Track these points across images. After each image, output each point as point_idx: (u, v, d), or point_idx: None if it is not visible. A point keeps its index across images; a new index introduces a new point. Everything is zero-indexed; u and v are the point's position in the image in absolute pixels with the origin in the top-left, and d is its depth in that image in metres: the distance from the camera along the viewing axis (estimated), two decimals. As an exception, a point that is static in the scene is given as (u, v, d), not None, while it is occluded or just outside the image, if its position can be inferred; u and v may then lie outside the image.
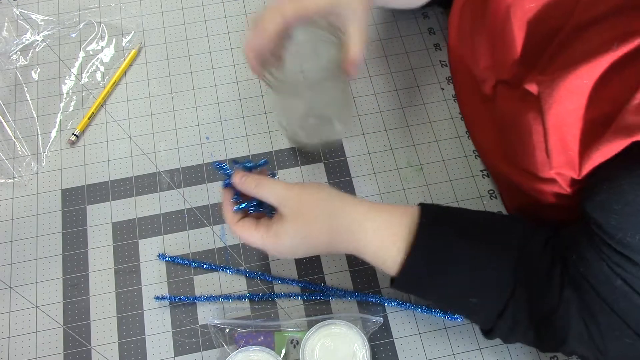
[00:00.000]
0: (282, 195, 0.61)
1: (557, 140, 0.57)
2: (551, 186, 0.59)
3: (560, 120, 0.56)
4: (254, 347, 0.65)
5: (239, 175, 0.63)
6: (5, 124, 0.81)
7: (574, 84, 0.56)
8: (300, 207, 0.61)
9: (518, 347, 0.67)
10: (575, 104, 0.56)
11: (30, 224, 0.75)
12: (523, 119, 0.60)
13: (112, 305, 0.70)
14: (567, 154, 0.57)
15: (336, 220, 0.61)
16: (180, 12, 0.90)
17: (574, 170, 0.56)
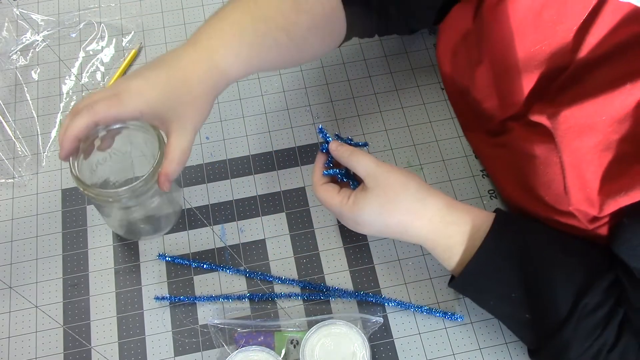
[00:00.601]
0: (372, 168, 0.62)
1: (575, 177, 0.56)
2: (570, 220, 0.59)
3: (578, 157, 0.56)
4: (254, 347, 0.65)
5: (337, 143, 0.65)
6: (5, 124, 0.81)
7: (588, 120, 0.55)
8: (386, 183, 0.62)
9: (518, 347, 0.67)
10: (593, 140, 0.55)
11: (30, 224, 0.75)
12: (537, 151, 0.60)
13: (112, 305, 0.70)
14: (585, 192, 0.56)
15: (420, 208, 0.62)
16: (180, 12, 0.90)
17: (594, 208, 0.56)
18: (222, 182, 0.77)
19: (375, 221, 0.63)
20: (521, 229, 0.61)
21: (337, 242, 0.73)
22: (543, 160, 0.59)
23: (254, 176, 0.78)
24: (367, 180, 0.62)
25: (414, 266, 0.72)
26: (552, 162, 0.58)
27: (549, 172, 0.58)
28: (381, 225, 0.63)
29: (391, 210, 0.62)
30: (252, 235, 0.74)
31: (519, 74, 0.62)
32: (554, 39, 0.59)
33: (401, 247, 0.73)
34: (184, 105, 0.59)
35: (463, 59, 0.71)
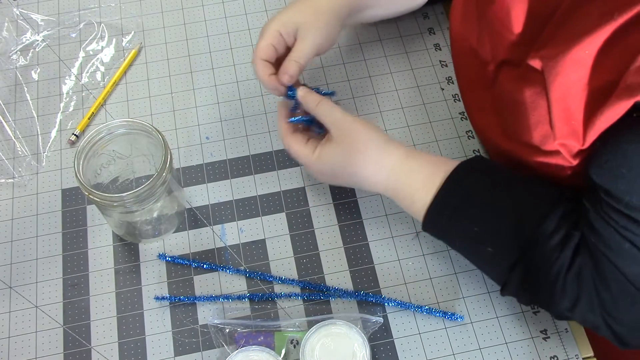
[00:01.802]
0: (338, 118, 0.66)
1: (561, 111, 0.58)
2: (555, 158, 0.60)
3: (564, 91, 0.57)
4: (254, 347, 0.65)
5: (305, 90, 0.69)
6: (5, 124, 0.81)
7: (576, 55, 0.56)
8: (350, 133, 0.66)
9: (518, 347, 0.67)
10: (579, 74, 0.56)
11: (30, 224, 0.75)
12: (526, 95, 0.61)
13: (112, 305, 0.70)
14: (570, 125, 0.57)
15: (383, 157, 0.66)
16: (180, 12, 0.90)
17: (578, 140, 0.57)
18: (222, 182, 0.77)
19: (341, 171, 0.67)
20: (483, 170, 0.65)
21: (337, 242, 0.73)
22: (530, 104, 0.61)
23: (254, 176, 0.78)
24: (333, 130, 0.66)
25: (414, 266, 0.72)
26: (539, 105, 0.60)
27: (536, 114, 0.60)
28: (346, 174, 0.67)
29: (356, 160, 0.66)
30: (252, 235, 0.74)
31: (513, 12, 0.64)
32: None
33: (401, 247, 0.73)
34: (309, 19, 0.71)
35: (472, 4, 0.72)
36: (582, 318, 0.60)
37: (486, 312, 0.69)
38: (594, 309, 0.58)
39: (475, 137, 0.80)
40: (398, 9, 0.83)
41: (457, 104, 0.82)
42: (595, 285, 0.57)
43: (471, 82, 0.74)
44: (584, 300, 0.58)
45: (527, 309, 0.69)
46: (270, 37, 0.71)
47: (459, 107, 0.82)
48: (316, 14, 0.72)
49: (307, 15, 0.72)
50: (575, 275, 0.58)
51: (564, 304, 0.59)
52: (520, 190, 0.63)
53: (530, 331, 0.68)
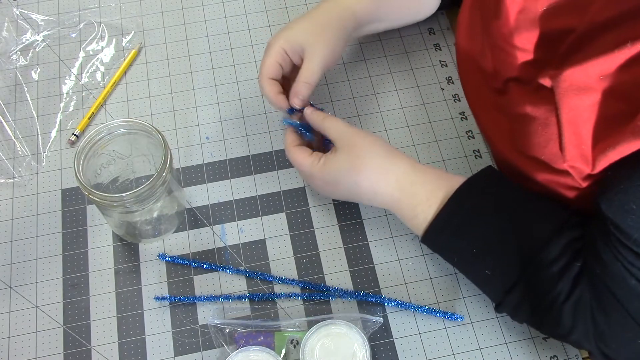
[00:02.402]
0: (342, 130, 0.68)
1: (572, 134, 0.58)
2: (564, 178, 0.60)
3: (575, 114, 0.57)
4: (254, 347, 0.65)
5: (311, 109, 0.71)
6: (5, 124, 0.81)
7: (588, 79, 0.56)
8: (355, 142, 0.67)
9: (518, 347, 0.67)
10: (590, 99, 0.56)
11: (30, 224, 0.75)
12: (537, 112, 0.61)
13: (112, 305, 0.70)
14: (580, 148, 0.57)
15: (387, 167, 0.66)
16: (180, 12, 0.90)
17: (588, 165, 0.57)
18: (222, 182, 0.77)
19: (345, 180, 0.67)
20: (488, 188, 0.65)
21: (337, 242, 0.73)
22: (542, 121, 0.60)
23: (254, 176, 0.78)
24: (337, 142, 0.67)
25: (414, 266, 0.72)
26: (551, 122, 0.60)
27: (547, 132, 0.60)
28: (350, 183, 0.67)
29: (360, 168, 0.66)
30: (252, 235, 0.74)
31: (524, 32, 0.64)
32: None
33: (401, 247, 0.73)
34: (315, 38, 0.72)
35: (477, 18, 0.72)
36: (577, 344, 0.61)
37: (486, 312, 0.69)
38: (589, 338, 0.58)
39: (475, 137, 0.80)
40: (403, 22, 0.84)
41: (457, 104, 0.82)
42: (594, 316, 0.57)
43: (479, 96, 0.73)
44: (580, 329, 0.58)
45: (527, 309, 0.69)
46: (276, 55, 0.72)
47: (459, 107, 0.82)
48: (322, 31, 0.73)
49: (313, 33, 0.73)
50: (573, 304, 0.58)
51: (558, 331, 0.60)
52: (524, 212, 0.63)
53: (530, 331, 0.68)
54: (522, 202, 0.64)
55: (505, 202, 0.64)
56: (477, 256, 0.63)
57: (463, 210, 0.63)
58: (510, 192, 0.65)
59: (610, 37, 0.56)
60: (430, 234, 0.64)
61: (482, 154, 0.79)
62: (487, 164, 0.78)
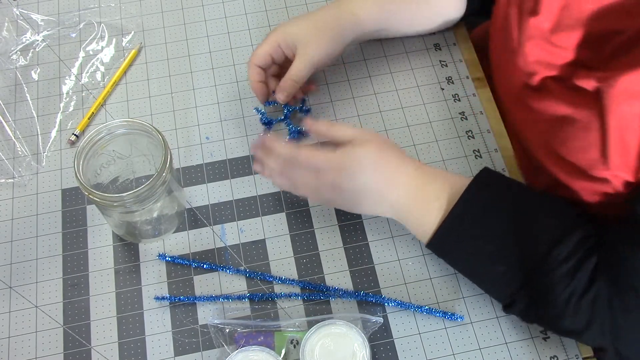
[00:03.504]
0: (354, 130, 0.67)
1: (618, 141, 0.57)
2: (602, 186, 0.59)
3: (625, 122, 0.56)
4: (254, 347, 0.65)
5: (311, 121, 0.69)
6: (5, 124, 0.81)
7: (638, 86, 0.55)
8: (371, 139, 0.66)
9: (518, 347, 0.67)
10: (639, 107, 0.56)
11: (30, 224, 0.75)
12: (578, 114, 0.60)
13: (112, 305, 0.70)
14: (625, 157, 0.57)
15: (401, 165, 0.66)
16: (180, 12, 0.90)
17: (631, 174, 0.57)
18: (222, 182, 0.77)
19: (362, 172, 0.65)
20: (499, 187, 0.65)
21: (337, 242, 0.73)
22: (584, 125, 0.59)
23: (254, 176, 0.78)
24: (356, 139, 0.66)
25: (414, 266, 0.72)
26: (593, 127, 0.58)
27: (589, 137, 0.58)
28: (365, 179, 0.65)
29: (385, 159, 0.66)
30: (252, 235, 0.74)
31: (568, 30, 0.62)
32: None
33: (401, 247, 0.73)
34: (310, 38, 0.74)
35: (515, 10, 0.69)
36: (591, 342, 0.60)
37: (486, 312, 0.69)
38: (605, 334, 0.58)
39: (475, 137, 0.80)
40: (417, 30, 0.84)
41: (457, 104, 0.82)
42: (613, 313, 0.57)
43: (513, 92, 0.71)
44: (597, 325, 0.58)
45: (527, 309, 0.69)
46: (269, 46, 0.75)
47: (459, 107, 0.82)
48: (318, 32, 0.74)
49: (309, 33, 0.74)
50: (591, 300, 0.58)
51: (573, 327, 0.59)
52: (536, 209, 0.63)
53: (530, 331, 0.68)
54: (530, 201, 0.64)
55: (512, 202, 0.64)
56: (487, 256, 0.62)
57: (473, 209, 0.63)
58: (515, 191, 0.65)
59: None
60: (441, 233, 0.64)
61: (482, 154, 0.79)
62: (487, 164, 0.78)
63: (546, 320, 0.63)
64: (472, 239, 0.63)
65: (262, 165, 0.70)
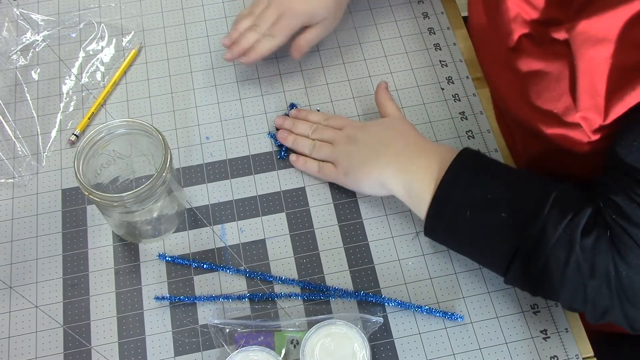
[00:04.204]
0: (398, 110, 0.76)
1: (587, 84, 0.58)
2: (574, 131, 0.61)
3: (592, 65, 0.58)
4: (254, 347, 0.65)
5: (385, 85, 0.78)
6: (5, 124, 0.81)
7: (605, 30, 0.57)
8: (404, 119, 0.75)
9: (518, 347, 0.67)
10: (607, 50, 0.57)
11: (30, 224, 0.75)
12: (550, 66, 0.62)
13: (112, 305, 0.70)
14: (594, 99, 0.58)
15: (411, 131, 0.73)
16: (180, 12, 0.90)
17: (600, 115, 0.58)
18: (222, 182, 0.77)
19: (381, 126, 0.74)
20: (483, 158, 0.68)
21: (337, 242, 0.73)
22: (555, 76, 0.62)
23: (254, 176, 0.78)
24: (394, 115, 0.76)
25: (414, 266, 0.72)
26: (564, 76, 0.61)
27: (560, 86, 0.61)
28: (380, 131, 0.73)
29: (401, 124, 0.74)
30: (252, 235, 0.74)
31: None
32: None
33: (401, 247, 0.73)
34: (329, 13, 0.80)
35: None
36: (594, 301, 0.58)
37: (486, 312, 0.69)
38: (610, 283, 0.57)
39: (475, 137, 0.80)
40: None
41: (457, 104, 0.82)
42: (613, 257, 0.56)
43: (491, 54, 0.74)
44: (601, 272, 0.57)
45: (527, 309, 0.69)
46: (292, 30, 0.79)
47: (459, 107, 0.82)
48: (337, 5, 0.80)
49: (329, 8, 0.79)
50: (592, 244, 0.57)
51: (578, 275, 0.58)
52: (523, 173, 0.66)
53: (530, 331, 0.68)
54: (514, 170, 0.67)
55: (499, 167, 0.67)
56: (491, 202, 0.63)
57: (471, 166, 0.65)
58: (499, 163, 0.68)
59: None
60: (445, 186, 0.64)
61: (482, 154, 0.79)
62: (487, 163, 0.78)
63: (548, 271, 0.60)
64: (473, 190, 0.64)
65: (286, 132, 0.79)
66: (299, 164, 0.77)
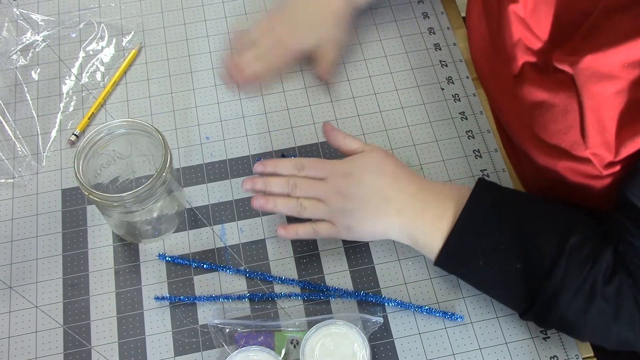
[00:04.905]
0: (363, 144, 0.70)
1: (595, 121, 0.57)
2: (584, 166, 0.60)
3: (598, 102, 0.57)
4: (254, 347, 0.65)
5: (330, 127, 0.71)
6: (5, 124, 0.81)
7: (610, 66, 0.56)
8: (378, 148, 0.70)
9: (518, 347, 0.67)
10: (615, 86, 0.56)
11: (30, 224, 0.75)
12: (556, 98, 0.61)
13: (112, 305, 0.70)
14: (603, 135, 0.57)
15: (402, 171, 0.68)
16: (180, 12, 0.90)
17: (610, 152, 0.57)
18: (222, 182, 0.77)
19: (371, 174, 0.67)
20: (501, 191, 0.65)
21: (337, 242, 0.73)
22: (562, 108, 0.60)
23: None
24: (364, 149, 0.69)
25: (414, 266, 0.72)
26: (572, 109, 0.59)
27: (568, 119, 0.60)
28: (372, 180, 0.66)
29: (388, 163, 0.68)
30: (252, 235, 0.74)
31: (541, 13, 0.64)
32: None
33: (401, 247, 0.73)
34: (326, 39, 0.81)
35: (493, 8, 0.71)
36: (618, 341, 0.59)
37: (486, 312, 0.69)
38: (635, 325, 0.57)
39: (475, 137, 0.80)
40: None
41: (457, 104, 0.82)
42: (637, 301, 0.57)
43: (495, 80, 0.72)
44: (624, 315, 0.57)
45: (527, 309, 0.69)
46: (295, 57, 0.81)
47: (459, 107, 0.82)
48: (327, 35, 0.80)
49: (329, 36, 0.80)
50: (615, 290, 0.57)
51: (600, 319, 0.58)
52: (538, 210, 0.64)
53: (530, 331, 0.68)
54: (530, 205, 0.64)
55: (514, 207, 0.64)
56: (504, 252, 0.61)
57: (482, 211, 0.63)
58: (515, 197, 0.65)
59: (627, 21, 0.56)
60: (453, 237, 0.63)
61: (482, 154, 0.79)
62: (487, 164, 0.78)
63: (569, 319, 0.60)
64: (485, 240, 0.62)
65: (262, 197, 0.68)
66: (290, 233, 0.69)
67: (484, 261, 0.62)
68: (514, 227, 0.62)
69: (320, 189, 0.67)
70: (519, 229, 0.62)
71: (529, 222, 0.62)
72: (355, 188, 0.66)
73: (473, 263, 0.63)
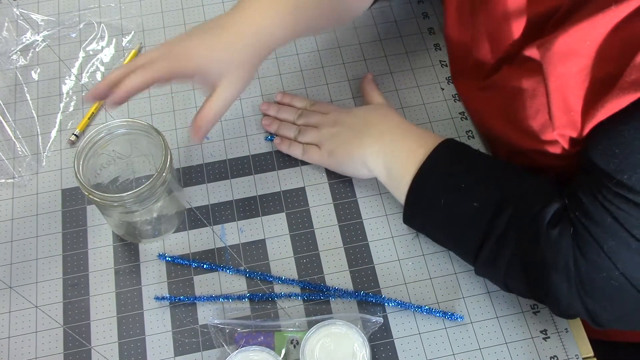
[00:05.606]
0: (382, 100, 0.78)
1: (560, 101, 0.59)
2: (553, 147, 0.62)
3: (563, 82, 0.58)
4: (254, 347, 0.65)
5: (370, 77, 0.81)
6: (5, 124, 0.81)
7: (574, 45, 0.57)
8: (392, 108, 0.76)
9: (518, 347, 0.67)
10: (578, 65, 0.57)
11: (30, 224, 0.75)
12: (525, 83, 0.63)
13: (112, 305, 0.70)
14: (569, 115, 0.58)
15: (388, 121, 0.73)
16: (180, 12, 0.90)
17: (576, 130, 0.59)
18: (222, 182, 0.77)
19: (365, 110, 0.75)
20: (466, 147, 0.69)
21: (337, 242, 0.73)
22: (530, 93, 0.62)
23: (253, 176, 0.78)
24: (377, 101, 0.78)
25: (414, 266, 0.72)
26: (539, 93, 0.61)
27: (536, 103, 0.62)
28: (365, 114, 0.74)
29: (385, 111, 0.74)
30: (252, 235, 0.74)
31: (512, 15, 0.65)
32: None
33: (401, 247, 0.73)
34: (229, 69, 0.63)
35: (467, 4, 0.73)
36: (555, 294, 0.59)
37: (486, 312, 0.69)
38: (570, 278, 0.58)
39: (475, 137, 0.80)
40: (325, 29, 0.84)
41: (457, 104, 0.82)
42: (574, 254, 0.58)
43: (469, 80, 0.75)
44: (561, 263, 0.58)
45: (527, 309, 0.69)
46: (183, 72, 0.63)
47: (459, 107, 0.82)
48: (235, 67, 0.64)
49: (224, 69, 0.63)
50: (557, 235, 0.59)
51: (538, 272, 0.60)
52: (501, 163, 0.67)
53: (530, 331, 0.68)
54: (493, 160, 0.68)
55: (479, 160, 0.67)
56: (464, 190, 0.64)
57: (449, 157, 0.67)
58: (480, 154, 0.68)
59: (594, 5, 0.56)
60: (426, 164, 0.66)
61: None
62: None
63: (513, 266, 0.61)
64: (449, 179, 0.65)
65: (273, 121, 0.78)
66: (283, 147, 0.77)
67: (446, 199, 0.65)
68: (479, 169, 0.65)
69: (319, 118, 0.76)
70: (484, 172, 0.65)
71: (494, 168, 0.66)
72: (348, 118, 0.74)
73: (436, 202, 0.65)
